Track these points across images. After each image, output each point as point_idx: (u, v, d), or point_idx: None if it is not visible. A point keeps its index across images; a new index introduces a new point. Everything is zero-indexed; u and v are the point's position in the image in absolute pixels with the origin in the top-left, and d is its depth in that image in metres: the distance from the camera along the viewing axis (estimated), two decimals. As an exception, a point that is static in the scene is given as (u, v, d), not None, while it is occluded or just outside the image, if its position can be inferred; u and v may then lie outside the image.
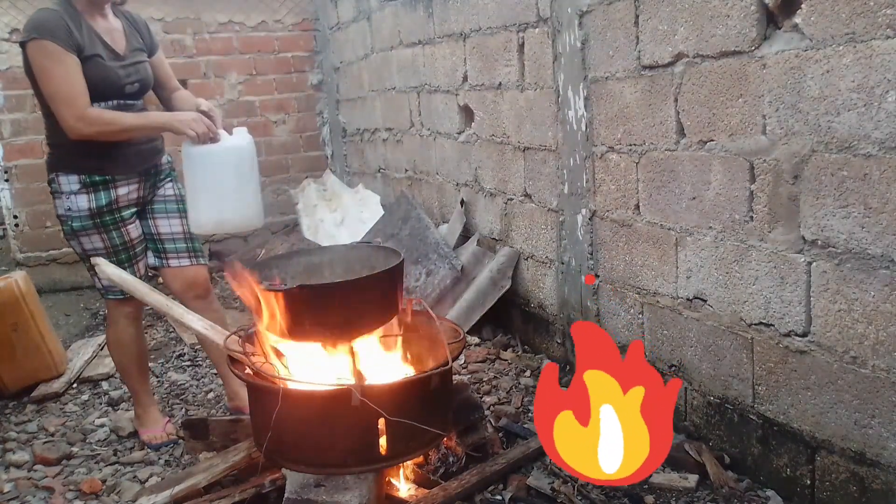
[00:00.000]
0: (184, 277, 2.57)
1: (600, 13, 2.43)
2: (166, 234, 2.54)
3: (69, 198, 2.37)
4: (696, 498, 2.05)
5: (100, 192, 2.38)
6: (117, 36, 2.41)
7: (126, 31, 2.44)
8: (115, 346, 2.63)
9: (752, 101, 1.90)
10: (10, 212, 4.83)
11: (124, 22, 2.46)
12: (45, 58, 2.25)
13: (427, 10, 3.72)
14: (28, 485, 2.38)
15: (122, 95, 2.37)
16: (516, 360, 3.10)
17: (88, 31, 2.31)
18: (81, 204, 2.37)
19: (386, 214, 4.34)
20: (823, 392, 1.84)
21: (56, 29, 2.23)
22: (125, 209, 2.44)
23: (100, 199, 2.38)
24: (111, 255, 2.42)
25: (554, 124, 2.81)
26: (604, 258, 2.64)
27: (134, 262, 2.48)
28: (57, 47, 2.22)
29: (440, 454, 2.13)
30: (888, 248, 1.62)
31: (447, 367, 1.96)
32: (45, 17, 2.27)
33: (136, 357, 2.64)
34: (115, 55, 2.36)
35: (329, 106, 5.61)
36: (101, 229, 2.40)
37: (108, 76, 2.32)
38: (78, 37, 2.26)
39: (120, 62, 2.37)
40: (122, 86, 2.36)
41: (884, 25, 1.55)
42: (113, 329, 2.61)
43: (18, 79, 4.69)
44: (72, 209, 2.37)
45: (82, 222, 2.38)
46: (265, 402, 1.95)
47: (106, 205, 2.39)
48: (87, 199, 2.37)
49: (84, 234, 2.40)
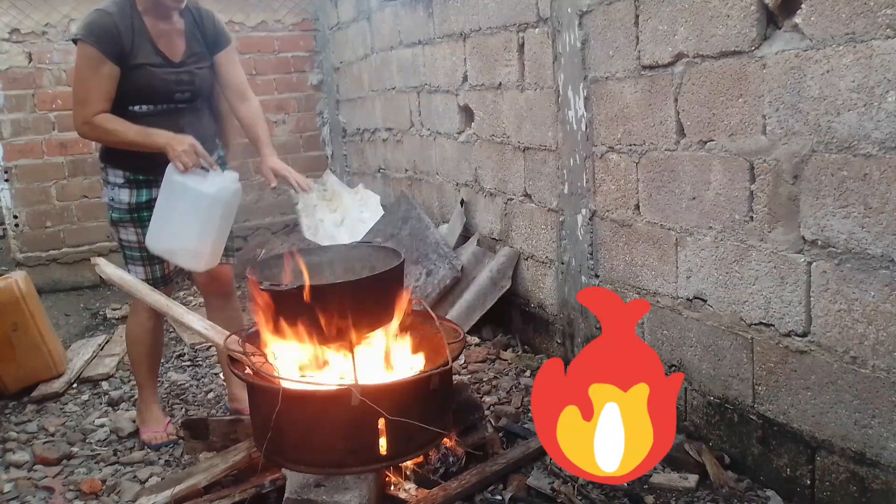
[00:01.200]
0: (211, 273, 2.57)
1: (600, 13, 2.43)
2: None
3: (113, 189, 2.44)
4: (696, 498, 2.05)
5: (142, 188, 2.43)
6: (176, 40, 2.36)
7: (187, 33, 2.38)
8: (131, 336, 2.65)
9: (752, 101, 1.90)
10: (10, 212, 4.84)
11: (189, 21, 2.39)
12: (82, 60, 2.26)
13: (427, 10, 3.72)
14: (28, 485, 2.38)
15: (171, 101, 2.38)
16: (516, 360, 3.10)
17: (142, 36, 2.28)
18: (123, 197, 2.43)
19: (386, 214, 4.34)
20: (823, 392, 1.84)
21: (102, 34, 2.22)
22: None
23: (140, 196, 2.43)
24: (143, 249, 2.45)
25: (554, 124, 2.81)
26: (604, 258, 2.64)
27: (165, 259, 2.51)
28: (97, 53, 2.22)
29: (440, 454, 2.13)
30: (888, 248, 1.62)
31: (447, 367, 1.96)
32: (96, 20, 2.25)
33: (150, 351, 2.65)
34: (167, 62, 2.34)
35: (329, 106, 5.61)
36: (136, 224, 2.45)
37: (154, 84, 2.32)
38: (126, 44, 2.25)
39: (172, 69, 2.34)
40: (171, 92, 2.36)
41: (884, 25, 1.55)
42: (133, 319, 2.63)
43: (18, 79, 4.71)
44: (114, 199, 2.44)
45: (120, 214, 2.45)
46: (265, 402, 1.95)
47: (145, 202, 2.43)
48: (129, 194, 2.43)
49: (121, 226, 2.46)
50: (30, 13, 4.67)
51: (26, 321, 3.10)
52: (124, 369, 3.37)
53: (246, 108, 2.55)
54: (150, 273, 2.50)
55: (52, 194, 4.90)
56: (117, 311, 4.34)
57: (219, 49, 2.47)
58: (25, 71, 4.73)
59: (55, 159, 4.86)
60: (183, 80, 2.37)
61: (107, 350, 3.63)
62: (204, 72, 2.44)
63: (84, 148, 4.90)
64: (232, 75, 2.52)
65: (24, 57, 4.71)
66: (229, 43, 2.50)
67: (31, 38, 4.70)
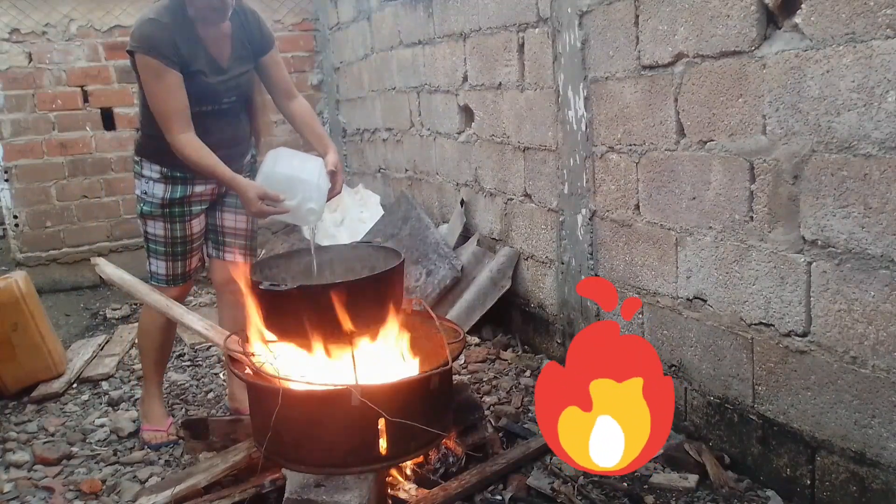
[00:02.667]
0: (230, 271, 2.56)
1: (600, 13, 2.43)
2: (230, 228, 2.58)
3: (147, 182, 2.43)
4: (696, 498, 2.05)
5: (178, 185, 2.43)
6: (224, 45, 2.36)
7: (234, 37, 2.38)
8: (143, 330, 2.67)
9: (752, 101, 1.90)
10: (10, 212, 4.84)
11: (236, 24, 2.38)
12: (146, 73, 2.25)
13: (427, 10, 3.72)
14: (28, 485, 2.38)
15: (218, 103, 2.38)
16: (516, 360, 3.10)
17: (195, 43, 2.28)
18: (157, 192, 2.43)
19: (386, 214, 4.34)
20: (823, 392, 1.84)
21: (161, 45, 2.21)
22: (196, 204, 2.48)
23: (175, 192, 2.43)
24: (168, 245, 2.47)
25: (554, 124, 2.80)
26: (604, 258, 2.64)
27: (189, 255, 2.53)
28: (160, 65, 2.21)
29: (440, 454, 2.13)
30: (888, 248, 1.62)
31: (447, 367, 1.96)
32: (152, 31, 2.22)
33: (160, 345, 2.66)
34: (217, 69, 2.34)
35: (329, 106, 5.61)
36: (166, 219, 2.45)
37: (207, 91, 2.32)
38: (184, 52, 2.24)
39: (221, 76, 2.35)
40: (219, 96, 2.37)
41: (884, 25, 1.55)
42: (146, 313, 2.64)
43: (18, 79, 4.71)
44: (147, 193, 2.44)
45: (152, 208, 2.44)
46: (265, 402, 1.95)
47: (179, 198, 2.44)
48: (164, 189, 2.43)
49: (150, 219, 2.46)
50: (30, 13, 4.67)
51: (26, 321, 3.10)
52: (124, 369, 3.37)
53: (296, 105, 2.55)
54: (171, 269, 2.51)
55: (52, 194, 4.90)
56: (117, 311, 4.34)
57: (265, 52, 2.47)
58: (25, 71, 4.73)
59: (55, 159, 4.86)
60: (230, 86, 2.38)
61: (107, 350, 3.63)
62: (249, 75, 2.45)
63: (84, 148, 4.91)
64: (278, 76, 2.52)
65: (24, 57, 4.71)
66: (274, 44, 2.51)
67: (31, 38, 4.70)
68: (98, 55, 4.86)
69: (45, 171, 4.86)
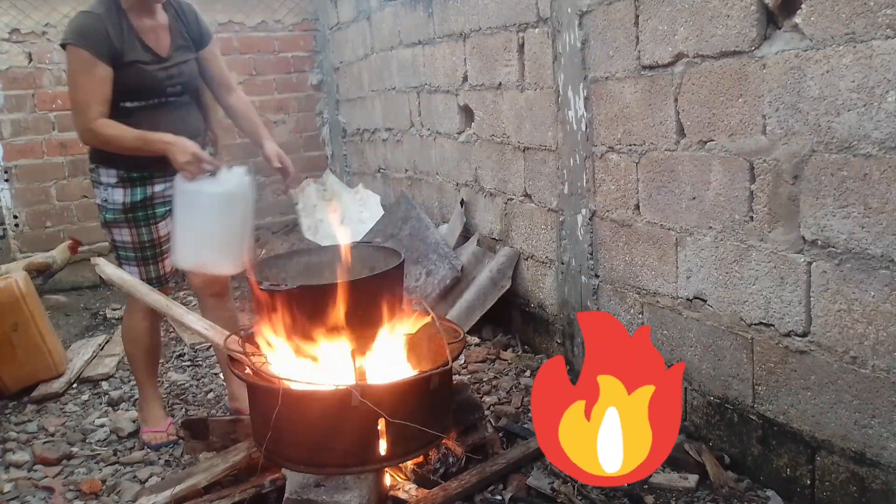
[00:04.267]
0: (205, 274, 2.57)
1: (600, 13, 2.43)
2: None
3: (106, 189, 2.41)
4: (696, 498, 2.05)
5: (136, 187, 2.41)
6: (162, 34, 2.36)
7: (172, 27, 2.39)
8: (127, 335, 2.65)
9: (752, 101, 1.90)
10: (10, 212, 4.84)
11: (172, 15, 2.40)
12: (75, 64, 2.26)
13: (427, 10, 3.72)
14: (28, 485, 2.38)
15: (163, 95, 2.37)
16: (516, 360, 3.10)
17: (130, 34, 2.28)
18: (116, 197, 2.40)
19: (386, 214, 4.34)
20: (823, 392, 1.84)
21: (93, 36, 2.21)
22: (159, 206, 2.46)
23: (135, 195, 2.41)
24: (138, 250, 2.45)
25: (554, 124, 2.80)
26: (604, 258, 2.64)
27: (160, 259, 2.51)
28: (89, 56, 2.21)
29: (440, 454, 2.13)
30: (888, 248, 1.62)
31: (447, 367, 1.96)
32: (84, 23, 2.24)
33: (147, 350, 2.64)
34: (156, 58, 2.34)
35: (329, 106, 5.61)
36: (131, 224, 2.43)
37: (147, 80, 2.32)
38: (116, 43, 2.24)
39: (161, 65, 2.35)
40: (162, 87, 2.36)
41: (884, 25, 1.55)
42: (128, 318, 2.62)
43: (18, 79, 4.71)
44: (107, 201, 2.42)
45: (115, 215, 2.42)
46: (265, 402, 1.95)
47: (140, 201, 2.42)
48: (123, 194, 2.40)
49: (115, 226, 2.44)
50: (30, 13, 4.67)
51: (26, 321, 3.10)
52: (124, 369, 3.37)
53: (235, 98, 2.58)
54: (145, 273, 2.49)
55: (52, 194, 4.90)
56: (117, 311, 4.34)
57: (204, 45, 2.50)
58: (25, 71, 4.73)
59: (55, 159, 4.86)
60: (172, 74, 2.38)
61: (107, 350, 3.63)
62: (191, 64, 2.45)
63: (84, 148, 4.85)
64: (217, 69, 2.55)
65: (24, 57, 4.71)
66: (212, 38, 2.54)
67: (31, 38, 4.70)
68: (98, 55, 4.85)
69: (45, 171, 4.86)
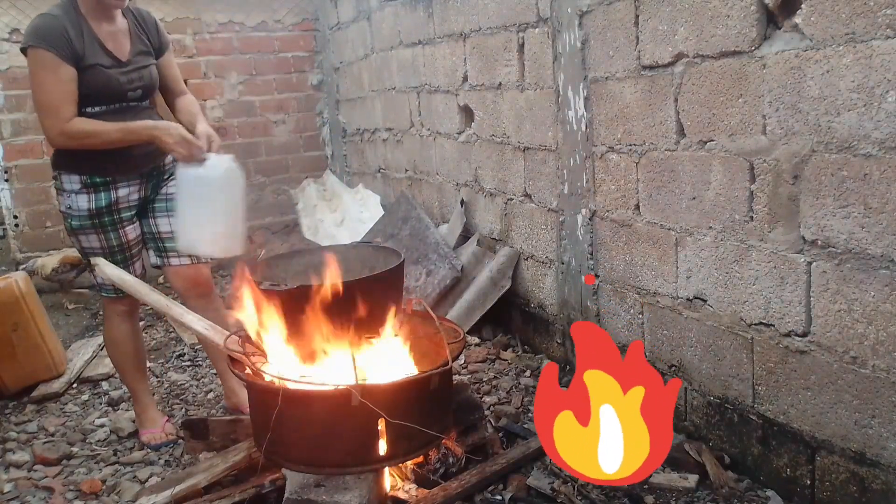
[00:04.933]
0: (185, 276, 2.57)
1: (600, 13, 2.43)
2: (166, 232, 2.52)
3: (70, 196, 2.38)
4: (696, 498, 2.05)
5: (100, 192, 2.38)
6: (122, 39, 2.37)
7: (132, 33, 2.40)
8: (110, 343, 2.64)
9: (752, 101, 1.90)
10: (10, 212, 4.84)
11: (131, 22, 2.42)
12: (38, 66, 2.24)
13: (427, 10, 3.72)
14: (28, 485, 2.38)
15: (124, 99, 2.37)
16: (516, 360, 3.10)
17: (90, 38, 2.28)
18: (81, 204, 2.37)
19: (386, 214, 4.34)
20: (823, 392, 1.84)
21: (54, 37, 2.21)
22: (125, 210, 2.44)
23: (100, 201, 2.38)
24: (107, 256, 2.42)
25: (554, 124, 2.80)
26: (604, 258, 2.64)
27: (130, 263, 2.50)
28: (53, 57, 2.21)
29: (440, 454, 2.13)
30: (888, 248, 1.62)
31: (447, 367, 1.96)
32: (44, 24, 2.24)
33: (132, 355, 2.64)
34: (116, 62, 2.34)
35: (329, 106, 5.61)
36: (98, 230, 2.41)
37: (109, 84, 2.31)
38: (77, 45, 2.24)
39: (122, 68, 2.35)
40: (124, 91, 2.35)
41: (884, 25, 1.55)
42: (108, 326, 2.62)
43: (18, 79, 4.70)
44: (72, 208, 2.39)
45: (81, 221, 2.39)
46: (265, 402, 1.95)
47: (106, 206, 2.39)
48: (88, 200, 2.37)
49: (82, 233, 2.41)
50: (30, 13, 4.66)
51: (26, 321, 3.10)
52: (124, 369, 3.37)
53: (182, 99, 2.59)
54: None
55: (52, 194, 4.88)
56: (117, 311, 4.34)
57: (163, 53, 2.52)
58: (25, 71, 4.69)
59: (55, 159, 4.86)
60: (133, 78, 2.38)
61: (106, 350, 3.62)
62: (152, 69, 2.46)
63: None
64: (172, 77, 2.58)
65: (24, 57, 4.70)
66: (169, 46, 2.58)
67: (31, 38, 4.70)
68: (98, 55, 4.86)
69: (45, 171, 4.80)
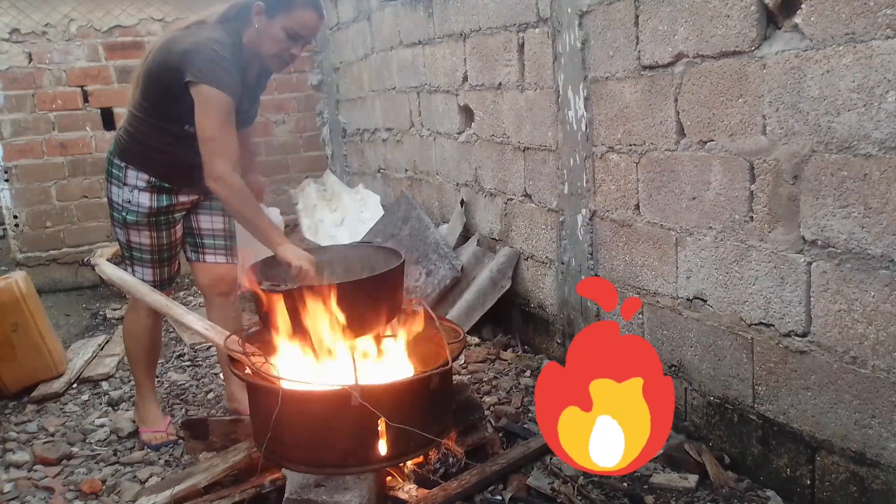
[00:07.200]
0: (214, 273, 2.59)
1: (600, 13, 2.43)
2: (207, 230, 2.57)
3: (132, 191, 2.41)
4: (696, 498, 2.05)
5: (163, 194, 2.43)
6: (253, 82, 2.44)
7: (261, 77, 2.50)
8: (129, 333, 2.65)
9: (752, 101, 1.90)
10: (10, 212, 4.84)
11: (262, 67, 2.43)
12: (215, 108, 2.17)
13: (427, 10, 3.72)
14: (28, 485, 2.38)
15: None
16: (516, 360, 3.10)
17: (243, 80, 2.29)
18: (143, 201, 2.41)
19: (386, 214, 4.34)
20: (823, 392, 1.84)
21: (233, 85, 2.19)
22: (179, 212, 2.50)
23: (161, 201, 2.43)
24: (155, 253, 2.47)
25: (554, 124, 2.81)
26: (604, 258, 2.64)
27: (173, 260, 2.55)
28: (231, 103, 2.19)
29: (440, 454, 2.13)
30: (888, 248, 1.62)
31: (447, 367, 1.96)
32: (226, 69, 2.17)
33: (147, 349, 2.65)
34: (245, 102, 2.38)
35: (329, 106, 5.61)
36: (153, 227, 2.45)
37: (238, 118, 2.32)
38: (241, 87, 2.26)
39: (245, 108, 2.43)
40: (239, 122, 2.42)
41: (884, 25, 1.55)
42: (131, 316, 2.63)
43: (18, 79, 4.71)
44: (131, 203, 2.42)
45: (138, 218, 2.43)
46: (265, 402, 1.95)
47: (165, 206, 2.44)
48: (150, 198, 2.42)
49: (135, 228, 2.44)
50: (30, 13, 4.67)
51: (26, 321, 3.10)
52: (124, 369, 3.37)
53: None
54: (158, 275, 2.52)
55: (52, 194, 4.90)
56: (117, 311, 4.34)
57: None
58: (25, 71, 4.73)
59: (55, 159, 4.87)
60: (250, 115, 2.52)
61: (107, 350, 3.63)
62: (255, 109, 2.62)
63: (84, 148, 4.91)
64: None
65: (24, 57, 4.71)
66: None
67: (31, 38, 4.71)
68: (98, 55, 4.86)
69: (45, 171, 4.86)
